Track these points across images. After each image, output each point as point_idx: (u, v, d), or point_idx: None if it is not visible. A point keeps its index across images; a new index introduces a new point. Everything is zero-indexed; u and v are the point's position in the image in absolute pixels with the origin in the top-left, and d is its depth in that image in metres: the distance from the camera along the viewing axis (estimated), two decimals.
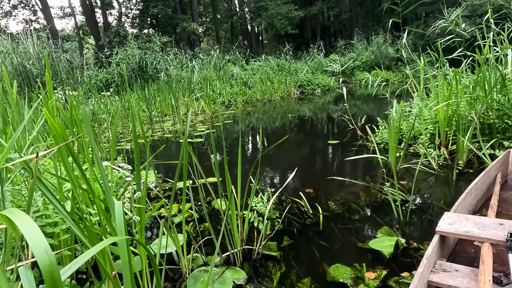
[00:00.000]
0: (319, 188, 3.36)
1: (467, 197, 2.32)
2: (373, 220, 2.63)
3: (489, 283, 1.41)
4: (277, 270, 2.08)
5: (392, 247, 2.15)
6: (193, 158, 2.12)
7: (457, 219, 1.89)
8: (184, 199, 1.96)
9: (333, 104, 10.72)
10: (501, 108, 3.56)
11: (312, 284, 1.92)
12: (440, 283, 1.59)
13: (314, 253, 2.23)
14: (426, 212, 2.72)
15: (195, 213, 2.92)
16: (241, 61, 15.16)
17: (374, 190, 3.19)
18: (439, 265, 1.71)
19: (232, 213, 2.12)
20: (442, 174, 3.50)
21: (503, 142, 3.50)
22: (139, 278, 1.75)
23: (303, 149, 5.37)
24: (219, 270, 2.08)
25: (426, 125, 4.13)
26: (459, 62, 5.13)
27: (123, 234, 0.94)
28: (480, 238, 1.71)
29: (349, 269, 2.01)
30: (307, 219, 2.71)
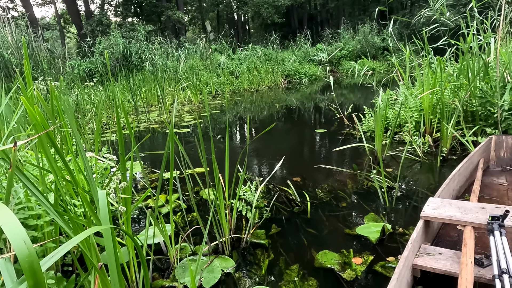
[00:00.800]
0: (306, 176, 3.38)
1: (451, 183, 2.37)
2: (360, 207, 2.66)
3: (471, 265, 1.45)
4: (266, 257, 2.09)
5: (378, 232, 2.19)
6: (179, 148, 2.09)
7: (441, 204, 1.93)
8: (171, 189, 1.94)
9: (320, 94, 10.75)
10: (484, 95, 3.62)
11: (300, 270, 1.94)
12: (424, 266, 1.63)
13: (302, 240, 2.26)
14: (411, 198, 2.78)
15: (183, 203, 2.90)
16: (227, 50, 15.00)
17: (361, 177, 3.23)
18: (423, 249, 1.75)
19: (220, 203, 2.11)
20: (426, 161, 3.57)
21: (485, 129, 3.57)
22: (127, 269, 1.74)
23: (290, 139, 5.38)
24: (207, 259, 2.08)
25: (411, 113, 4.18)
26: (443, 51, 5.19)
27: (108, 223, 0.92)
28: (463, 222, 1.75)
29: (336, 255, 2.04)
30: (295, 207, 2.72)
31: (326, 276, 1.89)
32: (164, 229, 1.97)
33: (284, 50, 17.09)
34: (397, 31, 17.67)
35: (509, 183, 2.77)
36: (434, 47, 4.92)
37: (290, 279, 1.87)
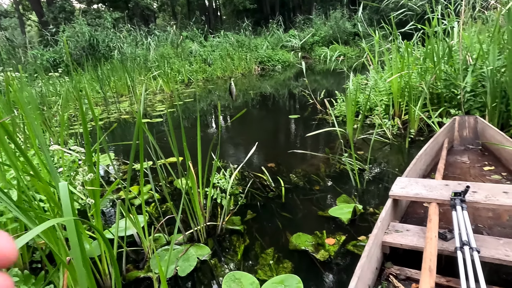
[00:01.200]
0: (281, 162, 3.41)
1: (418, 163, 2.46)
2: (333, 190, 2.73)
3: (435, 239, 1.52)
4: (241, 243, 2.11)
5: (350, 213, 2.25)
6: (149, 137, 2.04)
7: (408, 183, 2.00)
8: (142, 179, 1.90)
9: (293, 80, 10.80)
10: (448, 78, 3.76)
11: (276, 253, 1.97)
12: (392, 243, 1.69)
13: (277, 224, 2.29)
14: (382, 179, 2.87)
15: (156, 194, 2.86)
16: (199, 37, 14.69)
17: (333, 161, 3.30)
18: (392, 226, 1.82)
19: (194, 191, 2.09)
20: (396, 142, 3.69)
21: (450, 110, 3.72)
22: (98, 262, 1.70)
23: (265, 125, 5.39)
24: (183, 248, 2.07)
25: (381, 97, 4.28)
26: (411, 35, 5.32)
27: (70, 215, 0.89)
28: (428, 199, 1.83)
29: (310, 237, 2.08)
30: (269, 192, 2.75)
31: (300, 257, 1.93)
32: (137, 221, 1.93)
33: (256, 36, 16.95)
34: (367, 16, 17.92)
35: (471, 161, 2.91)
36: (402, 31, 5.03)
37: (266, 262, 1.90)
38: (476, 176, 2.63)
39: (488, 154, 3.01)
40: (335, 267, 1.82)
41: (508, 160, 2.65)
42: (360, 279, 1.35)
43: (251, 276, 1.78)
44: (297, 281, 1.70)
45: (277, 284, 1.69)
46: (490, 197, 1.74)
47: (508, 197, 1.73)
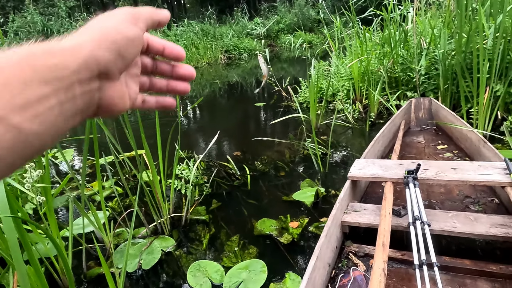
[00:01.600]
0: (246, 150, 3.42)
1: (376, 144, 2.55)
2: (297, 175, 2.77)
3: (388, 216, 1.59)
4: (207, 232, 2.10)
5: (312, 196, 2.30)
6: (105, 131, 1.97)
7: (366, 164, 2.07)
8: (98, 174, 1.84)
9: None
10: (404, 62, 3.90)
11: (241, 240, 1.99)
12: (351, 222, 1.76)
13: (243, 212, 2.30)
14: (343, 162, 2.95)
15: (119, 188, 2.78)
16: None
17: (298, 147, 3.35)
18: (351, 206, 1.88)
19: (155, 183, 2.05)
20: (357, 126, 3.80)
21: (406, 93, 3.88)
22: (55, 262, 1.63)
23: (231, 114, 5.36)
24: (147, 241, 2.04)
25: (342, 82, 4.38)
26: (371, 21, 5.44)
27: (8, 213, 0.83)
28: (384, 178, 1.90)
29: (274, 222, 2.12)
30: (235, 180, 2.75)
31: (265, 242, 1.96)
32: (96, 217, 1.87)
33: (221, 25, 16.68)
34: (330, 3, 18.12)
35: (426, 141, 3.06)
36: (361, 17, 5.14)
37: (231, 250, 1.91)
38: (430, 155, 2.77)
39: (442, 134, 3.18)
40: (298, 249, 1.86)
41: (459, 138, 2.81)
42: (319, 258, 1.39)
43: (216, 264, 1.78)
44: (262, 265, 1.73)
45: (241, 270, 1.71)
46: (440, 173, 1.84)
47: (456, 173, 1.84)
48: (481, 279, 1.43)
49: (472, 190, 2.15)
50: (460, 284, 1.41)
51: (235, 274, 1.68)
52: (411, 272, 1.51)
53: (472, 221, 1.61)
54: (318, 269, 1.38)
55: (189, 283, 1.67)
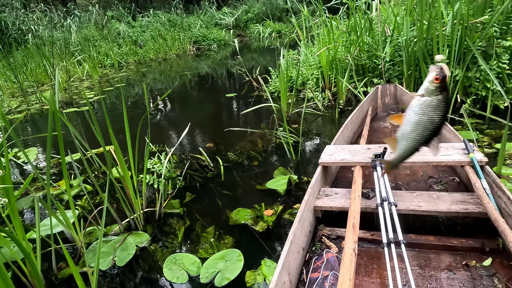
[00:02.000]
0: (219, 141, 3.41)
1: (345, 130, 2.62)
2: (270, 163, 2.80)
3: (358, 199, 1.65)
4: (182, 225, 2.09)
5: (285, 184, 2.34)
6: (70, 128, 1.89)
7: (335, 150, 2.13)
8: (65, 173, 1.77)
9: (230, 59, 10.68)
10: (370, 49, 4.00)
11: (216, 231, 2.00)
12: (323, 206, 1.81)
13: (217, 203, 2.30)
14: (315, 149, 3.01)
15: (88, 186, 2.70)
16: (126, 17, 13.72)
17: (270, 136, 3.37)
18: (322, 191, 1.93)
19: (126, 179, 2.01)
20: (327, 114, 3.88)
21: (373, 79, 3.99)
22: (22, 265, 1.57)
23: (202, 106, 5.30)
24: (120, 238, 2.00)
25: (312, 71, 4.43)
26: (338, 9, 5.51)
27: None
28: (353, 163, 1.97)
29: (249, 211, 2.14)
30: (208, 172, 2.74)
31: (241, 232, 1.98)
32: (64, 216, 1.81)
33: (189, 15, 16.31)
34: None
35: (393, 125, 3.18)
36: (328, 6, 5.19)
37: (207, 241, 1.91)
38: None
39: None
40: (274, 236, 1.90)
41: None
42: (293, 243, 1.42)
43: (192, 256, 1.78)
44: (238, 254, 1.75)
45: (218, 260, 1.72)
46: None
47: (419, 155, 1.90)
48: (444, 253, 1.52)
49: (435, 171, 2.27)
50: (425, 259, 1.50)
51: (212, 264, 1.69)
52: (380, 251, 1.58)
53: (435, 200, 1.71)
54: (293, 253, 1.42)
55: (165, 277, 1.66)
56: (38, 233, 1.51)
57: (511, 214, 1.46)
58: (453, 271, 1.41)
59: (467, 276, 1.37)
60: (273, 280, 1.21)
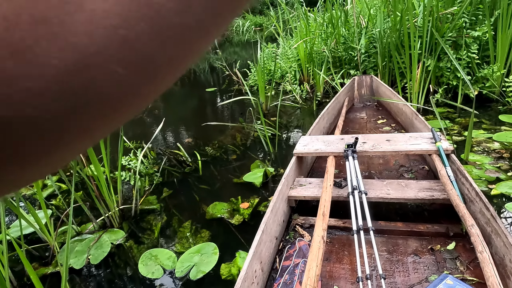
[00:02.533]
0: (198, 136, 3.39)
1: (321, 121, 2.65)
2: (248, 157, 2.81)
3: (330, 188, 1.68)
4: (158, 221, 2.09)
5: (262, 177, 2.36)
6: None
7: (310, 141, 2.15)
8: None
9: (212, 53, 10.60)
10: (346, 41, 4.05)
11: (193, 225, 2.00)
12: (297, 196, 1.83)
13: (194, 198, 2.30)
14: (293, 141, 3.04)
15: (63, 185, 2.65)
16: None
17: (248, 129, 3.38)
18: (297, 181, 1.96)
19: (100, 176, 1.98)
20: (305, 106, 3.91)
21: (350, 71, 4.04)
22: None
23: (183, 101, 5.26)
24: (95, 236, 1.98)
25: (290, 64, 4.45)
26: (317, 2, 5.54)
27: None
28: (326, 153, 2.00)
29: (226, 204, 2.15)
30: (186, 167, 2.73)
31: (217, 225, 1.99)
32: (36, 217, 1.78)
33: None
34: None
35: (368, 116, 3.24)
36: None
37: (183, 235, 1.92)
38: (371, 129, 2.94)
39: (382, 109, 3.37)
40: (249, 229, 1.92)
41: (396, 112, 3.01)
42: (264, 232, 1.45)
43: (168, 251, 1.79)
44: (213, 247, 1.76)
45: (193, 254, 1.73)
46: (376, 145, 1.97)
47: (390, 144, 1.98)
48: (411, 238, 1.57)
49: (406, 160, 2.33)
50: (394, 244, 1.55)
51: (187, 258, 1.70)
52: (351, 238, 1.62)
53: (403, 188, 1.76)
54: (265, 242, 1.44)
55: (140, 273, 1.66)
56: (4, 235, 1.48)
57: (473, 200, 1.52)
58: (419, 255, 1.46)
59: (432, 260, 1.42)
60: (243, 268, 1.22)
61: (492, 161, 2.23)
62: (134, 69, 0.11)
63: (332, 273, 1.43)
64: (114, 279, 1.67)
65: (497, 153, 2.32)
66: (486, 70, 3.05)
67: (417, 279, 1.33)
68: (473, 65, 3.12)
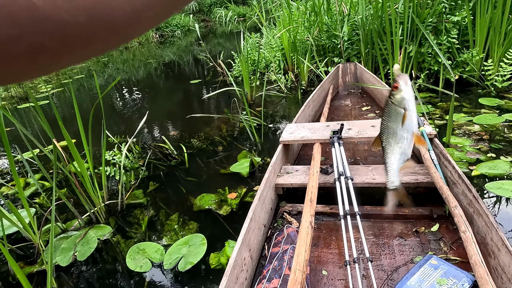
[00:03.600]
0: (183, 129, 3.36)
1: (306, 109, 2.65)
2: (235, 147, 2.80)
3: (316, 174, 1.69)
4: (145, 215, 2.06)
5: (248, 167, 2.36)
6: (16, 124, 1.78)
7: (296, 128, 2.16)
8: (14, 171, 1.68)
9: (196, 45, 10.45)
10: (329, 29, 4.04)
11: (180, 218, 1.99)
12: (284, 184, 1.84)
13: (181, 190, 2.29)
14: (278, 130, 3.04)
15: (46, 183, 2.59)
16: None
17: (234, 120, 3.36)
18: (284, 169, 1.97)
19: (83, 172, 1.94)
20: (291, 95, 3.91)
21: (333, 59, 4.05)
22: None
23: (167, 94, 5.19)
24: (81, 232, 1.95)
25: (274, 53, 4.43)
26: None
27: None
28: (312, 140, 2.00)
29: (213, 196, 2.14)
30: (172, 160, 2.70)
31: (205, 217, 1.98)
32: (18, 215, 1.73)
33: None
34: None
35: (353, 103, 3.26)
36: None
37: (171, 228, 1.90)
38: (356, 116, 2.96)
39: (366, 96, 3.40)
40: (238, 218, 1.92)
41: (380, 99, 3.03)
42: (253, 220, 1.45)
43: (155, 244, 1.77)
44: (201, 238, 1.75)
45: (181, 246, 1.72)
46: (361, 131, 1.98)
47: (375, 130, 2.00)
48: (396, 222, 1.60)
49: None
50: (379, 228, 1.57)
51: (175, 250, 1.69)
52: (338, 223, 1.64)
53: None
54: (253, 230, 1.44)
55: (128, 267, 1.64)
56: None
57: (455, 182, 1.55)
58: (404, 238, 1.49)
59: (416, 242, 1.46)
60: (232, 256, 1.22)
61: (472, 143, 2.28)
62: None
63: (321, 258, 1.45)
64: (102, 274, 1.65)
65: (477, 135, 2.38)
66: (466, 54, 3.11)
67: (403, 261, 1.36)
68: (453, 50, 3.17)
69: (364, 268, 1.34)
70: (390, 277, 1.29)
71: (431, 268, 1.19)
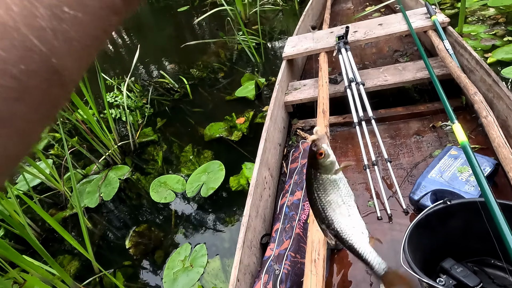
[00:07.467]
0: (179, 60, 3.22)
1: (306, 19, 2.47)
2: (236, 72, 2.69)
3: (326, 85, 1.62)
4: (159, 150, 2.08)
5: (254, 89, 2.28)
6: None
7: (298, 41, 2.02)
8: None
9: None
10: None
11: (194, 148, 2.00)
12: (293, 101, 1.79)
13: (190, 122, 2.26)
14: (280, 46, 2.88)
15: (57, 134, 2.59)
16: None
17: (231, 43, 3.18)
18: (291, 86, 1.89)
19: (90, 118, 1.91)
20: (287, 7, 3.62)
21: None
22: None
23: (157, 27, 4.87)
24: (101, 175, 1.99)
25: None
26: None
27: None
28: (317, 50, 1.89)
29: (222, 124, 2.11)
30: (175, 94, 2.64)
31: (218, 144, 1.98)
32: (38, 168, 1.76)
33: None
34: None
35: (355, 5, 3.01)
36: None
37: (187, 159, 1.93)
38: (360, 18, 2.75)
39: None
40: (250, 141, 1.92)
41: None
42: (267, 140, 1.44)
43: (175, 175, 1.81)
44: (218, 164, 1.78)
45: (201, 174, 1.75)
46: (368, 32, 1.85)
47: (382, 28, 1.86)
48: (412, 120, 1.57)
49: (400, 44, 2.22)
50: (395, 129, 1.55)
51: (195, 179, 1.73)
52: (353, 131, 1.61)
53: (400, 71, 1.70)
54: (269, 150, 1.44)
55: (154, 200, 1.70)
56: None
57: (472, 70, 1.47)
58: (422, 134, 1.47)
59: (434, 137, 1.44)
60: (253, 176, 1.24)
61: (487, 29, 2.12)
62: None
63: None
64: (130, 210, 1.73)
65: (492, 20, 2.20)
66: None
67: (422, 157, 1.36)
68: None
69: (383, 169, 1.35)
70: (410, 174, 1.30)
71: (451, 159, 1.18)
